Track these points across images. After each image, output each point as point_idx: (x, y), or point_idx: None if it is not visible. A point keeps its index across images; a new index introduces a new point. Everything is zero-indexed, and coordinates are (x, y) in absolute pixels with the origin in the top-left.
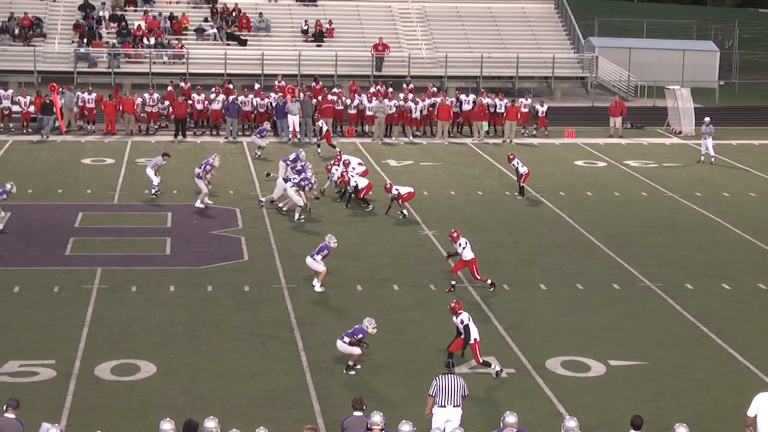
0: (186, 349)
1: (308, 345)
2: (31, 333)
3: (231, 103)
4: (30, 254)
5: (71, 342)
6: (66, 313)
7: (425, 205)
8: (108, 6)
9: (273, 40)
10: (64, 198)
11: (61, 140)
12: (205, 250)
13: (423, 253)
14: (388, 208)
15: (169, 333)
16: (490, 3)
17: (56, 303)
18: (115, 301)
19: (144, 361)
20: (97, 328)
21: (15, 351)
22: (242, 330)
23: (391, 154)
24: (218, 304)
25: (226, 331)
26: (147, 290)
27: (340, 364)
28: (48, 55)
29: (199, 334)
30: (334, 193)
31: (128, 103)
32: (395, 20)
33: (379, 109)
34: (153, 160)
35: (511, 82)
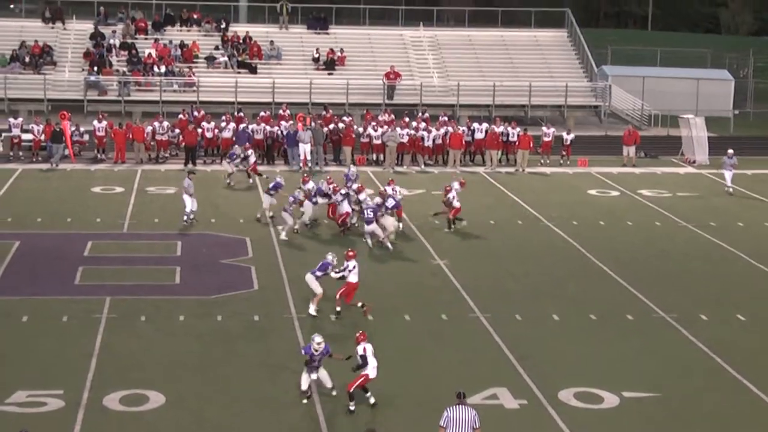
0: (195, 379)
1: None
2: (39, 363)
3: (242, 131)
4: (39, 283)
5: (80, 372)
6: (75, 343)
7: (437, 234)
8: (118, 34)
9: (284, 68)
10: (73, 227)
11: (71, 168)
12: (215, 280)
13: (435, 282)
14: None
15: (179, 363)
16: (503, 31)
17: (65, 332)
18: (124, 330)
19: (153, 392)
20: (105, 358)
21: (23, 381)
22: (252, 360)
23: (402, 183)
24: (228, 334)
25: (236, 361)
26: (156, 320)
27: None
28: (58, 83)
29: (208, 365)
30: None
31: (138, 132)
32: (407, 48)
33: (390, 138)
34: (185, 184)
35: (524, 111)
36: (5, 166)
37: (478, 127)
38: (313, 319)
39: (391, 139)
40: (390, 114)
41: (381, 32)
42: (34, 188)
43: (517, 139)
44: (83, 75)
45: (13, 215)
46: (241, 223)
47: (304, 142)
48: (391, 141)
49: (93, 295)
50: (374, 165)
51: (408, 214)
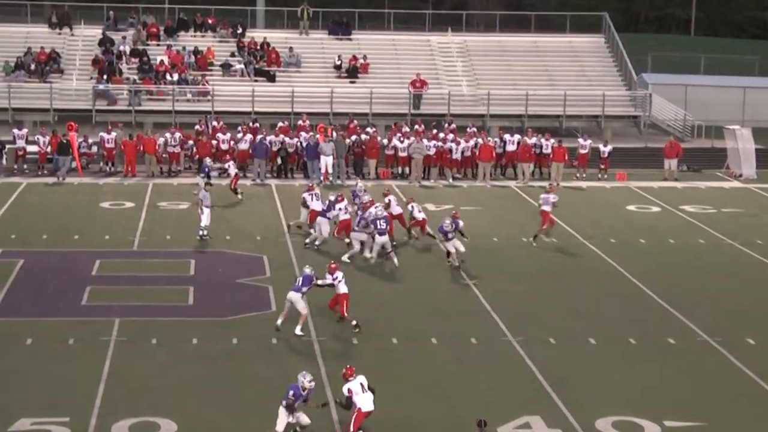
0: (209, 405)
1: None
2: (44, 388)
3: (259, 142)
4: (44, 304)
5: (87, 398)
6: (82, 367)
7: (466, 252)
8: (129, 40)
9: (304, 76)
10: (80, 244)
11: (78, 182)
12: (230, 300)
13: (463, 303)
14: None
15: (191, 389)
16: (536, 36)
17: (71, 356)
18: (134, 354)
19: (164, 419)
20: (114, 383)
21: (27, 408)
22: (269, 386)
23: (429, 198)
24: (244, 358)
25: (252, 386)
26: (168, 343)
27: (375, 425)
28: (65, 92)
29: (223, 391)
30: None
31: (149, 143)
32: (434, 55)
33: (416, 150)
34: (201, 195)
35: (558, 121)
36: (9, 179)
37: (510, 139)
38: (333, 343)
39: (417, 151)
40: (420, 124)
41: (407, 38)
42: (39, 203)
43: (551, 151)
44: (91, 83)
45: (17, 232)
46: (258, 240)
47: (325, 155)
48: (417, 153)
49: (101, 317)
50: (399, 178)
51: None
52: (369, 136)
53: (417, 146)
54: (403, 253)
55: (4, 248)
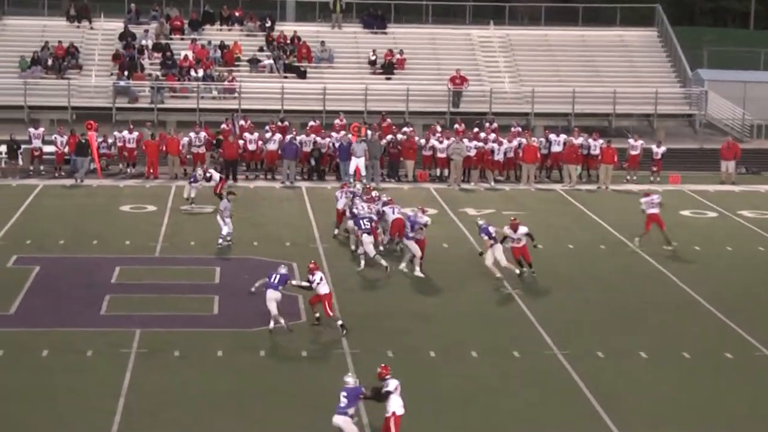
0: (234, 422)
1: (373, 418)
2: (60, 403)
3: (288, 143)
4: (60, 314)
5: (106, 413)
6: (100, 381)
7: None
8: (151, 34)
9: (336, 72)
10: (99, 250)
11: (97, 185)
12: (257, 310)
13: (505, 314)
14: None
15: (216, 403)
16: (584, 30)
17: (89, 369)
18: (156, 366)
19: None
20: (134, 398)
21: (42, 423)
22: (298, 401)
23: (469, 202)
24: (271, 371)
25: (280, 401)
26: (191, 355)
27: None
28: (84, 89)
29: (249, 405)
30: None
31: (172, 143)
32: (475, 50)
33: (456, 151)
34: (222, 206)
35: (608, 120)
36: (25, 181)
37: (555, 139)
38: (366, 355)
39: (457, 152)
40: (460, 124)
41: (446, 31)
42: (56, 206)
43: (599, 152)
44: (112, 80)
45: (32, 237)
46: (287, 246)
47: (357, 156)
48: (457, 154)
49: (121, 327)
50: (438, 181)
51: (476, 237)
52: (406, 135)
53: (456, 147)
54: (440, 261)
55: (19, 254)
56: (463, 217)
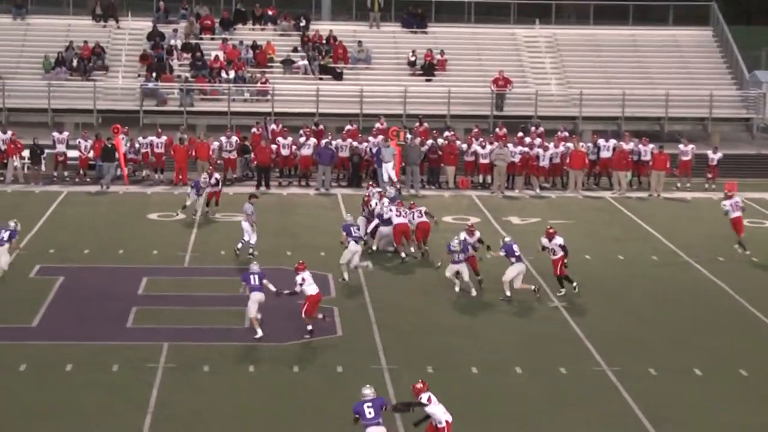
0: None
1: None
2: (85, 420)
3: (324, 147)
4: (85, 327)
5: (132, 431)
6: (126, 397)
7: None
8: (180, 34)
9: (374, 74)
10: (125, 260)
11: (124, 192)
12: (291, 324)
13: (551, 329)
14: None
15: (248, 422)
16: (635, 30)
17: (115, 385)
18: (185, 383)
19: None
20: (162, 416)
21: None
22: (333, 418)
23: (513, 210)
24: (306, 388)
25: (315, 419)
26: (222, 370)
27: None
28: (110, 92)
29: (282, 424)
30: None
31: (202, 148)
32: (520, 50)
33: (500, 156)
34: (246, 209)
35: (659, 124)
36: (49, 188)
37: (604, 144)
38: (405, 372)
39: (500, 158)
40: (503, 128)
41: (489, 31)
42: (80, 214)
43: (650, 158)
44: (139, 82)
45: (56, 246)
46: (322, 256)
47: (386, 161)
48: (500, 160)
49: (148, 341)
50: (480, 188)
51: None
52: (446, 140)
53: (500, 152)
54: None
55: (42, 264)
56: (506, 226)
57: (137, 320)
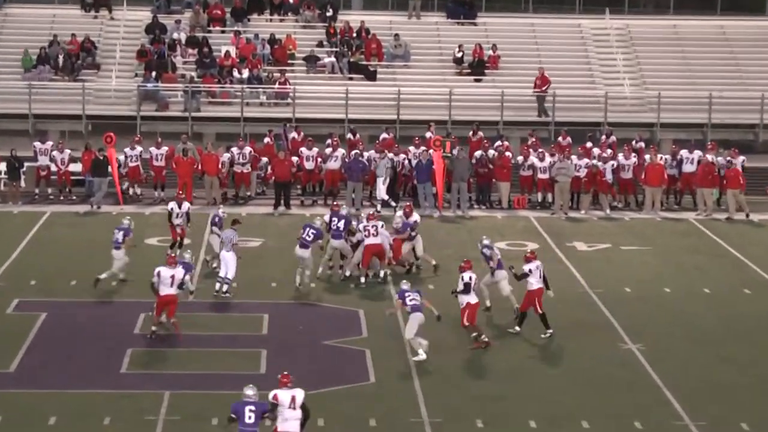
0: None
1: None
2: None
3: (354, 160)
4: (71, 372)
5: None
6: None
7: (628, 306)
8: (185, 26)
9: (413, 73)
10: (119, 292)
11: (117, 212)
12: (315, 369)
13: (624, 374)
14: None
15: None
16: (723, 20)
17: None
18: None
19: None
20: None
21: None
22: None
23: (579, 234)
24: None
25: None
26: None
27: None
28: (102, 94)
29: None
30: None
31: (210, 161)
32: (587, 44)
33: (561, 170)
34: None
35: (753, 133)
36: (30, 207)
37: (687, 156)
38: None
39: (562, 173)
40: (565, 137)
41: (550, 22)
42: (66, 239)
43: None
44: (136, 82)
45: (38, 276)
46: (351, 288)
47: (378, 175)
48: (562, 175)
49: (146, 389)
50: (539, 208)
51: (588, 278)
52: (499, 151)
53: (562, 166)
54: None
55: (21, 298)
56: (571, 253)
57: (133, 364)
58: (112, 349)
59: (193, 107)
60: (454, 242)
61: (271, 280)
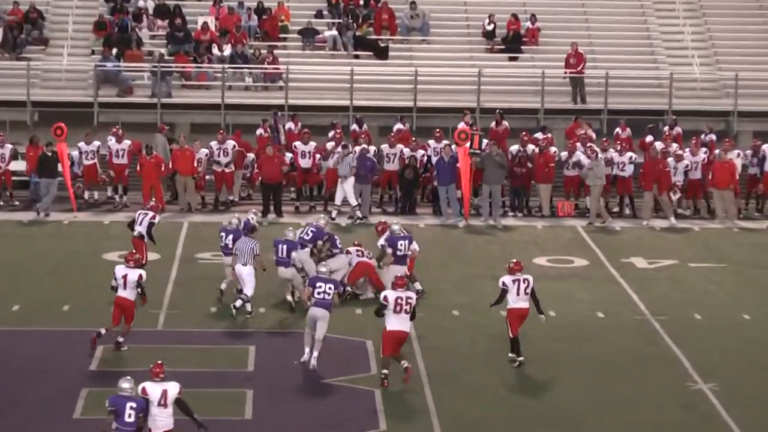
0: None
1: None
2: None
3: (361, 156)
4: (14, 416)
5: None
6: None
7: (698, 337)
8: None
9: (434, 50)
10: (73, 320)
11: (70, 221)
12: (313, 414)
13: (694, 419)
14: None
15: None
16: None
17: None
18: None
19: None
20: None
21: None
22: None
23: (637, 248)
24: None
25: None
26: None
27: None
28: (51, 76)
29: None
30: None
31: (183, 158)
32: (646, 15)
33: (590, 172)
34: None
35: None
36: None
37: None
38: None
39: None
40: (624, 128)
41: None
42: (7, 254)
43: None
44: (93, 61)
45: None
46: (358, 314)
47: (341, 174)
48: (593, 176)
49: None
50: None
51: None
52: (540, 147)
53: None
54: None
55: None
56: (628, 271)
57: (89, 408)
58: (63, 388)
59: (162, 92)
60: (483, 259)
61: (259, 304)
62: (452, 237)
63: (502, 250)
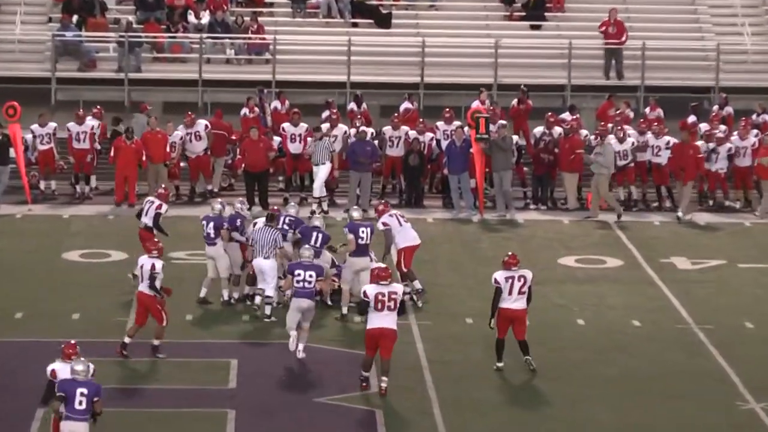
0: None
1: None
2: None
3: (358, 142)
4: None
5: None
6: None
7: (749, 349)
8: None
9: (443, 17)
10: (28, 330)
11: (24, 215)
12: None
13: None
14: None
15: None
16: None
17: None
18: None
19: None
20: None
21: None
22: None
23: (678, 246)
24: None
25: None
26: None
27: None
28: (2, 48)
29: None
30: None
31: (156, 142)
32: None
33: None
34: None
35: None
36: None
37: None
38: None
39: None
40: (654, 107)
41: None
42: None
43: None
44: (51, 30)
45: None
46: (356, 323)
47: (315, 162)
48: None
49: None
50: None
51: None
52: (565, 129)
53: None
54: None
55: None
56: (668, 273)
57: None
58: (17, 409)
59: (131, 66)
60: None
61: (242, 310)
62: (465, 233)
63: (522, 249)
